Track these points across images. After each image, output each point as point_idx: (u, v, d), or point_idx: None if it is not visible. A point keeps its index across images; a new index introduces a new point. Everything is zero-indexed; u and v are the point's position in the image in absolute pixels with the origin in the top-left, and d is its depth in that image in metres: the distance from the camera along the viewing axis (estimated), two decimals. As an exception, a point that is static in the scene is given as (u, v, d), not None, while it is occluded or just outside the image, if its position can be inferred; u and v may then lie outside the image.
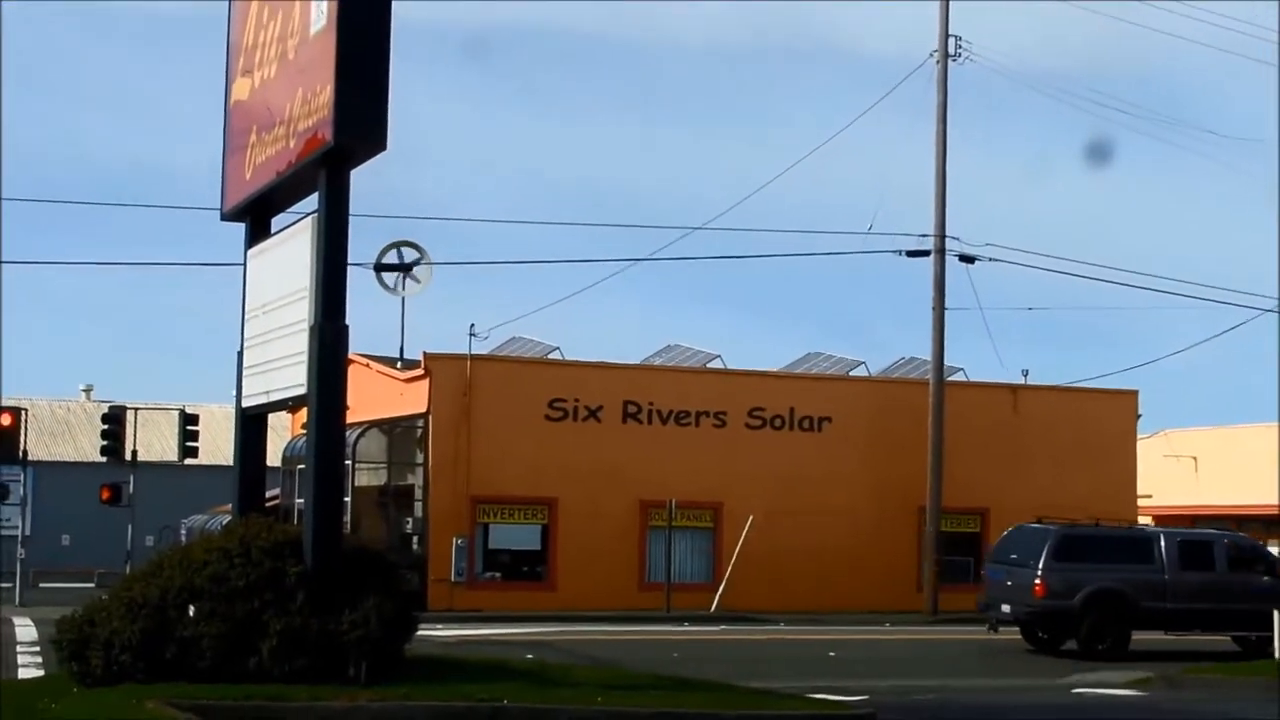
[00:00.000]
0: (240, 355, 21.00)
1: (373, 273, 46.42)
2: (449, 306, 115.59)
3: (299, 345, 18.63)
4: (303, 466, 30.32)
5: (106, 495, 53.40)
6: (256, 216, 21.24)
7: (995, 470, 50.78)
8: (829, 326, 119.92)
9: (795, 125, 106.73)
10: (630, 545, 47.20)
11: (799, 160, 65.98)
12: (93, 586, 44.30)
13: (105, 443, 52.12)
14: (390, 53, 17.70)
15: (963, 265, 48.10)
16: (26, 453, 52.83)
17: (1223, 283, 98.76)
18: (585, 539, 46.26)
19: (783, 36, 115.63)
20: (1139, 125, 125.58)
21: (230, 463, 22.05)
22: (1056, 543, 33.55)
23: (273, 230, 20.93)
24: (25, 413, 52.86)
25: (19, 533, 53.22)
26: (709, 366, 51.22)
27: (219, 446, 70.39)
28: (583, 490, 46.42)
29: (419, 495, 46.89)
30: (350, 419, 43.32)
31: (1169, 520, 68.78)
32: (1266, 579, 34.24)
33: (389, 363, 48.75)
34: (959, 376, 52.60)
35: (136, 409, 54.81)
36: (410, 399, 46.76)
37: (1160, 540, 34.49)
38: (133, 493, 52.71)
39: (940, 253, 47.91)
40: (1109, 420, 53.03)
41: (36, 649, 29.09)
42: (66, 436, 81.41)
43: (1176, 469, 66.61)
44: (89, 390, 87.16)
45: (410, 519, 47.39)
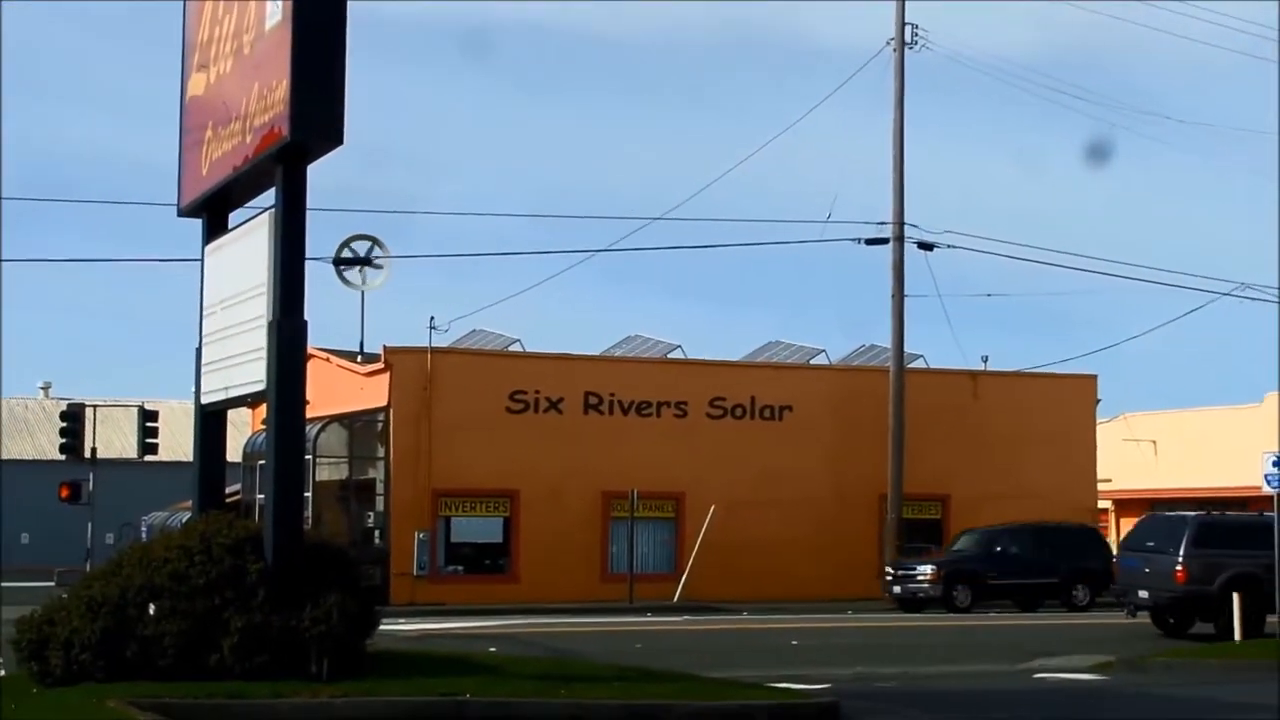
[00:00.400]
0: (199, 351, 20.94)
1: (332, 267, 46.36)
2: (409, 300, 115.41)
3: (258, 341, 18.59)
4: (263, 462, 30.25)
5: (65, 493, 53.18)
6: (214, 212, 21.17)
7: (956, 456, 51.01)
8: (789, 315, 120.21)
9: (754, 116, 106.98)
10: (592, 536, 47.25)
11: (756, 151, 65.92)
12: (52, 585, 44.08)
13: (64, 440, 51.90)
14: (346, 47, 17.65)
15: (921, 252, 48.39)
16: (-16, 451, 52.57)
17: (1181, 266, 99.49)
18: (547, 531, 46.29)
19: (741, 28, 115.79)
20: (1095, 112, 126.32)
21: (190, 459, 21.97)
22: (1196, 530, 34.07)
23: (230, 226, 20.87)
24: (-18, 411, 52.60)
25: (-23, 532, 52.98)
26: (670, 357, 51.29)
27: (179, 443, 70.15)
28: (544, 482, 46.44)
29: (380, 489, 46.85)
30: (311, 414, 43.20)
31: (1128, 504, 69.29)
32: None
33: (349, 357, 48.66)
34: (919, 363, 52.79)
35: (95, 406, 54.59)
36: (371, 393, 46.69)
37: None
38: (92, 490, 52.50)
39: (899, 240, 48.08)
40: (1068, 405, 53.31)
41: (-4, 649, 28.90)
42: (24, 434, 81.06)
43: (1136, 453, 66.95)
44: (47, 387, 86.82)
45: (372, 513, 47.33)
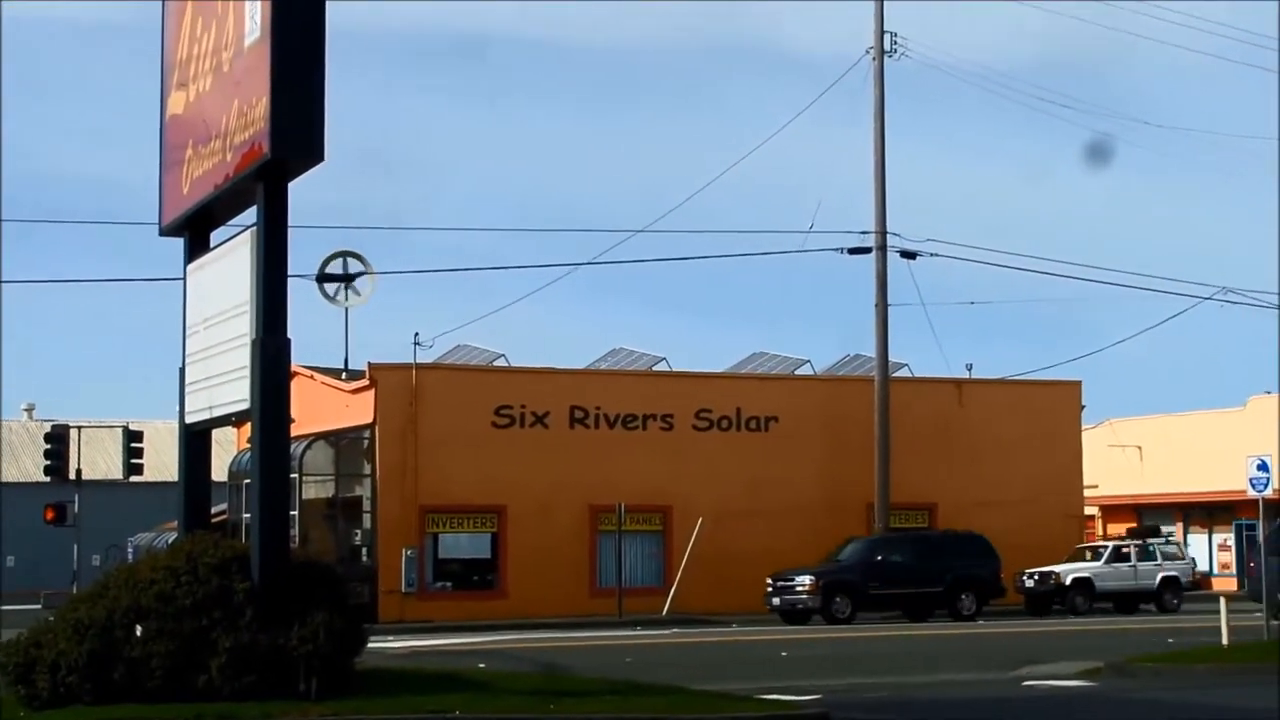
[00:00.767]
0: (182, 371, 20.89)
1: (315, 284, 46.30)
2: (393, 316, 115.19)
3: (241, 360, 18.55)
4: (249, 481, 30.16)
5: (50, 515, 53.00)
6: (195, 231, 21.13)
7: (942, 465, 51.03)
8: (774, 326, 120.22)
9: (737, 126, 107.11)
10: (580, 550, 47.19)
11: (737, 162, 66.37)
12: (39, 608, 43.94)
13: (48, 462, 51.72)
14: (326, 63, 17.64)
15: (904, 261, 48.41)
16: (-32, 475, 52.43)
17: (1164, 272, 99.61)
18: (535, 546, 46.21)
19: (723, 37, 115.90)
20: (1078, 118, 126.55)
21: (176, 479, 21.90)
22: None
23: (212, 244, 20.83)
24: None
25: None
26: (655, 369, 51.26)
27: (164, 463, 69.94)
28: (531, 497, 46.38)
29: (367, 506, 46.75)
30: (296, 431, 43.05)
31: (1114, 510, 69.37)
32: None
33: (334, 374, 48.58)
34: (903, 372, 52.81)
35: (79, 427, 54.45)
36: (356, 410, 46.60)
37: None
38: (77, 512, 52.35)
39: (881, 249, 48.11)
40: (1053, 411, 53.36)
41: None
42: (9, 457, 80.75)
43: (1121, 458, 67.07)
44: (30, 409, 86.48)
45: (359, 531, 47.24)
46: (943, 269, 54.44)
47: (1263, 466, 31.06)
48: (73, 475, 51.64)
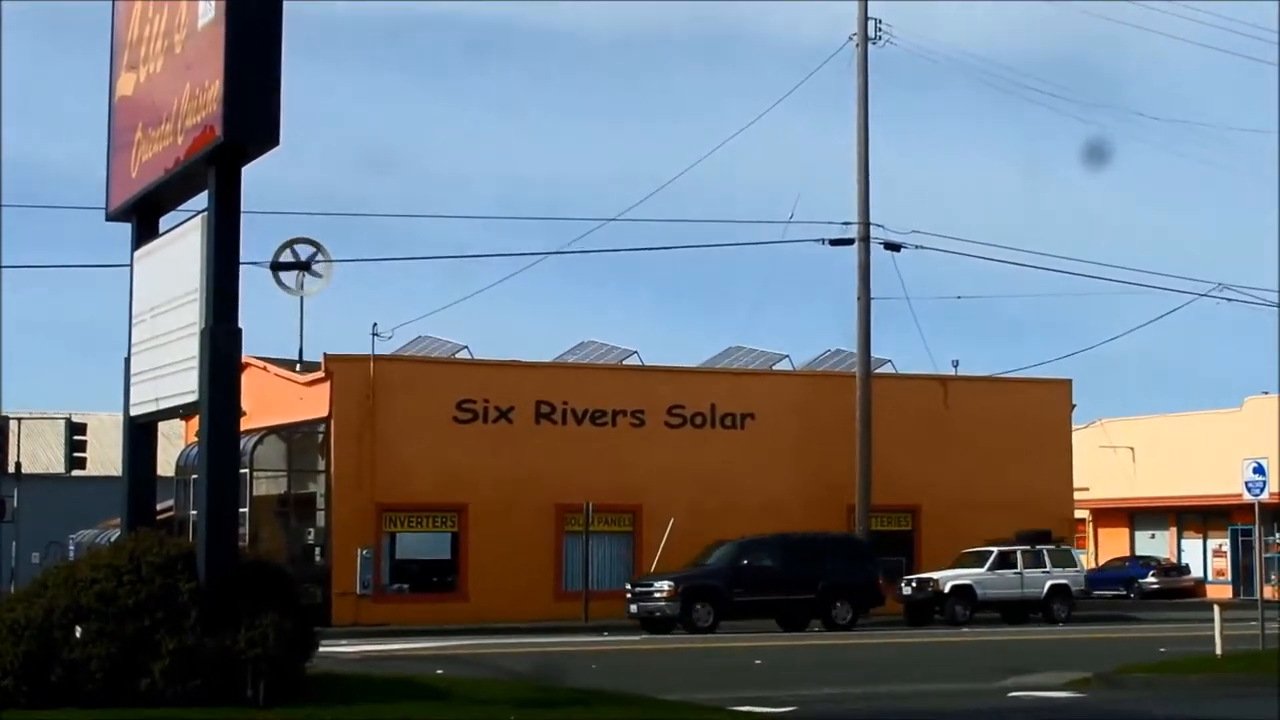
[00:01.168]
0: (128, 361, 20.94)
1: (269, 272, 46.32)
2: (351, 306, 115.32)
3: (189, 350, 18.62)
4: (196, 476, 30.22)
5: (-12, 510, 52.97)
6: (144, 216, 21.19)
7: (926, 466, 51.29)
8: (751, 320, 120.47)
9: (715, 114, 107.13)
10: (545, 552, 47.33)
11: (715, 149, 66.37)
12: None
13: (-14, 455, 51.70)
14: (282, 44, 17.73)
15: (888, 254, 48.61)
16: (-99, 467, 52.37)
17: (1158, 268, 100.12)
18: (498, 546, 46.33)
19: (703, 23, 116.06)
20: (1070, 110, 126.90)
21: (120, 474, 21.97)
22: None
23: (161, 230, 20.90)
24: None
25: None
26: (625, 363, 51.44)
27: (108, 457, 69.83)
28: (494, 495, 46.50)
29: (321, 504, 46.85)
30: (247, 425, 43.10)
31: (1106, 514, 69.73)
32: None
33: (288, 365, 48.64)
34: (887, 369, 53.07)
35: (20, 419, 54.42)
36: (310, 403, 46.68)
37: None
38: (16, 507, 52.33)
39: (864, 240, 48.32)
40: (1043, 411, 53.66)
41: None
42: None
43: (1113, 460, 67.43)
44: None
45: (312, 529, 47.33)
46: (928, 262, 54.64)
47: (1259, 469, 31.25)
48: (12, 469, 51.62)
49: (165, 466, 42.18)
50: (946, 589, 46.20)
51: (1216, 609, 30.43)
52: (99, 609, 17.75)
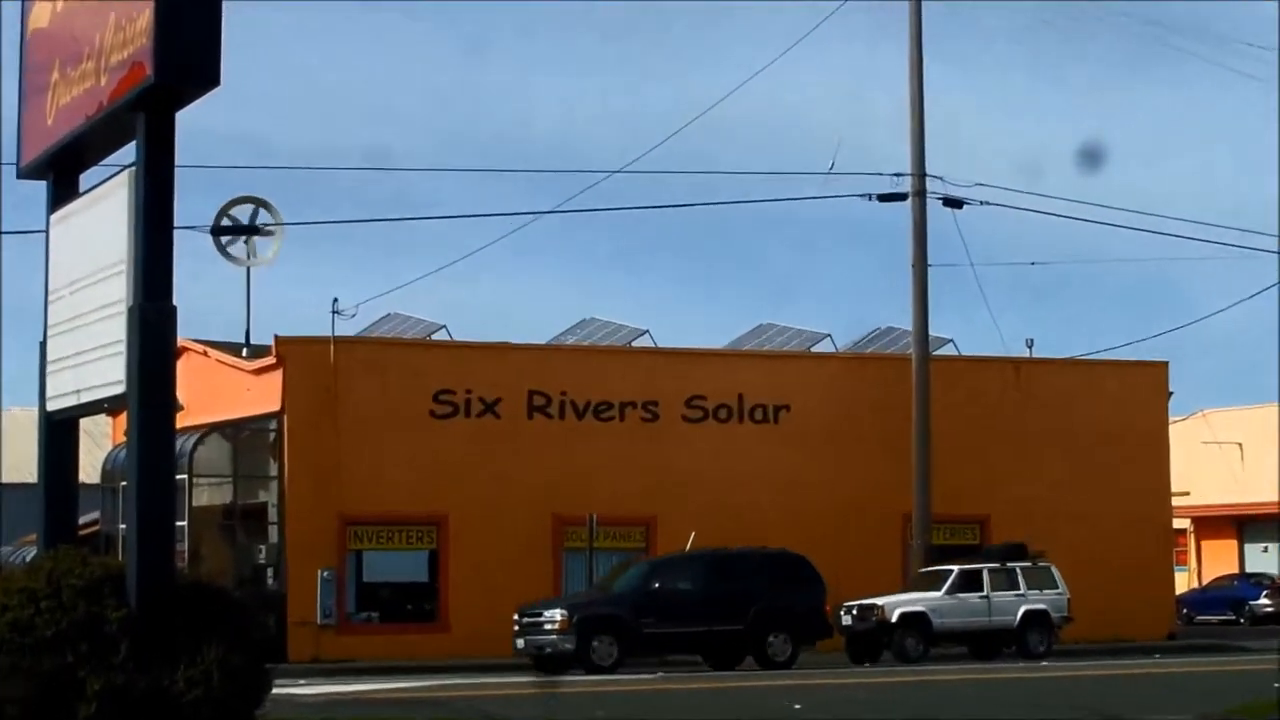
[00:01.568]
0: (43, 346, 20.98)
1: (210, 238, 46.41)
2: (308, 278, 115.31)
3: (116, 331, 18.63)
4: (125, 483, 30.30)
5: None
6: (62, 172, 21.20)
7: (996, 467, 51.30)
8: (784, 292, 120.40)
9: (744, 51, 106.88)
10: (541, 573, 47.35)
11: (740, 84, 66.32)
12: None
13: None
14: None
15: (948, 210, 48.54)
16: None
17: (1269, 228, 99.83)
18: (484, 567, 46.40)
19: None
20: (1167, 38, 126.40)
21: (35, 480, 22.01)
22: None
23: (82, 189, 20.92)
24: None
25: None
26: (635, 345, 51.45)
27: (21, 460, 70.05)
28: (480, 505, 46.56)
29: (273, 516, 46.94)
30: (185, 422, 43.15)
31: (1210, 522, 69.64)
32: None
33: (233, 350, 48.72)
34: (948, 350, 53.11)
35: (-86, 415, 54.50)
36: (260, 395, 46.75)
37: None
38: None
39: (920, 195, 48.24)
40: (1133, 400, 53.65)
41: None
42: None
43: (1218, 458, 67.39)
44: None
45: (263, 547, 47.42)
46: (997, 222, 54.68)
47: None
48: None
49: (89, 472, 42.35)
50: (894, 618, 44.31)
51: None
52: (12, 641, 17.79)
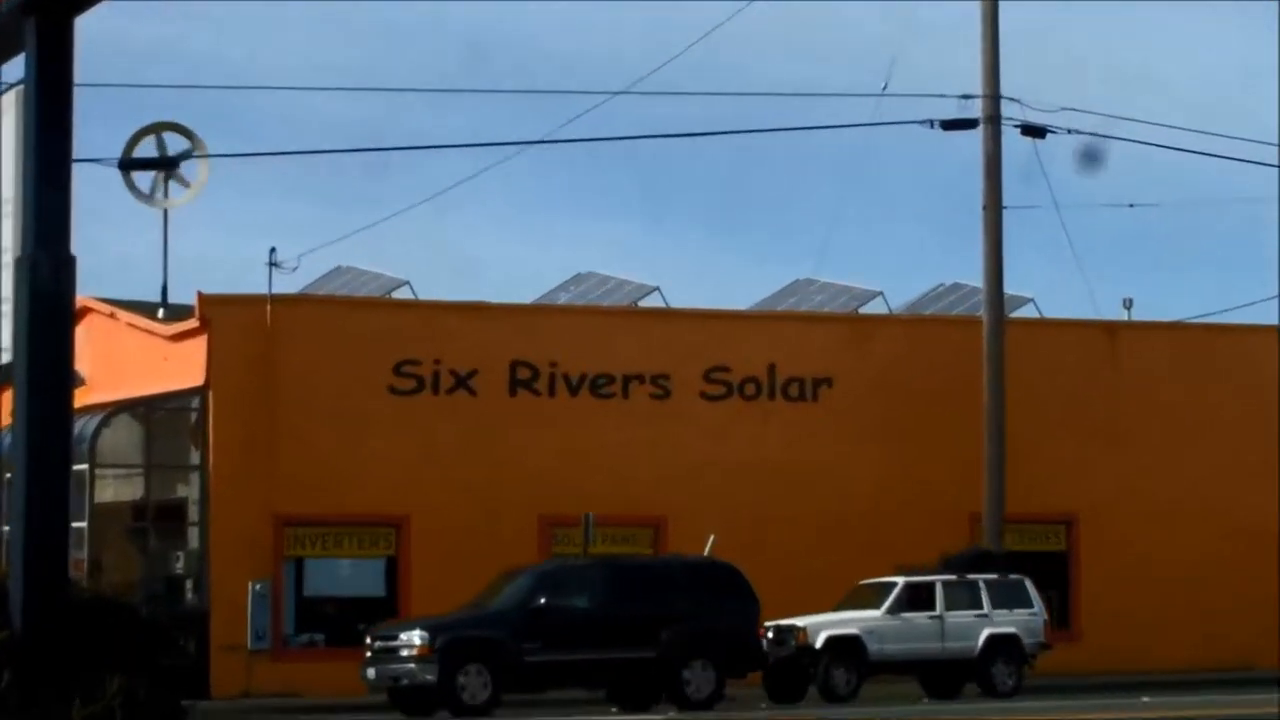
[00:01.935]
0: (-89, 306, 20.99)
1: (118, 172, 46.35)
2: (239, 223, 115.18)
3: (1, 288, 18.64)
4: (10, 475, 30.26)
5: None
6: (-64, 93, 21.22)
7: (1086, 454, 51.21)
8: (827, 242, 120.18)
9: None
10: (525, 584, 47.38)
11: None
12: None
13: None
14: None
15: (1028, 140, 48.29)
16: None
17: None
18: (454, 578, 46.24)
19: None
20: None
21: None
22: None
23: (-42, 113, 20.92)
24: None
25: None
26: (642, 305, 51.40)
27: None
28: (449, 503, 46.55)
29: (195, 516, 46.93)
30: (87, 400, 43.10)
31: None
32: None
33: (146, 311, 48.70)
34: (1027, 310, 53.10)
35: None
36: (179, 366, 46.71)
37: None
38: None
39: (993, 121, 48.04)
40: (1250, 371, 53.47)
41: None
42: None
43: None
44: None
45: (181, 553, 47.46)
46: (1087, 154, 54.29)
47: None
48: None
49: (-34, 461, 42.31)
50: (819, 643, 42.19)
51: None
52: None
